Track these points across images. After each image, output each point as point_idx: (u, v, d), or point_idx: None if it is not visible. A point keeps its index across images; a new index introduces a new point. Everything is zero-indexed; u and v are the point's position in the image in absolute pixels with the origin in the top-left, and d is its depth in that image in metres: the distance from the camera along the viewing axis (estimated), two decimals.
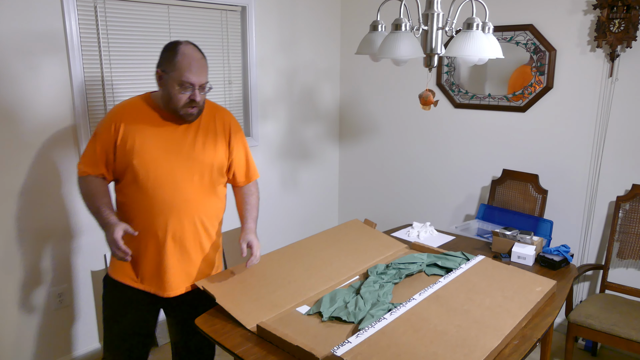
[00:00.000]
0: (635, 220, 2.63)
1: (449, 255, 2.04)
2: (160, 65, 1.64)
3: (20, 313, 2.41)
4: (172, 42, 1.66)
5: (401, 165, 3.61)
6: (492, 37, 1.77)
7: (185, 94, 1.62)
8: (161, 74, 1.64)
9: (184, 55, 1.62)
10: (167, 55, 1.62)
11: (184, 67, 1.60)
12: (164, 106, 1.67)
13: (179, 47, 1.63)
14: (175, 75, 1.60)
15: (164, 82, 1.63)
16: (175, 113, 1.66)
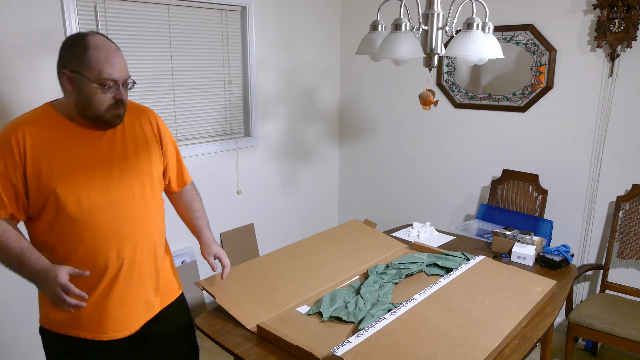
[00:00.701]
0: (635, 220, 2.63)
1: (449, 255, 2.04)
2: (67, 65, 1.33)
3: (20, 313, 2.41)
4: (73, 35, 1.36)
5: (401, 165, 3.61)
6: (492, 37, 1.77)
7: (108, 94, 1.35)
8: (71, 76, 1.33)
9: (98, 48, 1.32)
10: (75, 52, 1.32)
11: (101, 62, 1.32)
12: (80, 113, 1.36)
13: (89, 40, 1.32)
14: (92, 74, 1.31)
15: (75, 84, 1.33)
16: (97, 119, 1.37)
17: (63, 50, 1.35)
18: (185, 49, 2.85)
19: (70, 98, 1.36)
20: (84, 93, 1.33)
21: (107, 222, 1.39)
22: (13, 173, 1.31)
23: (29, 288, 2.42)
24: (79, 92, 1.34)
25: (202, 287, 1.74)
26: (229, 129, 3.20)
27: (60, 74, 1.35)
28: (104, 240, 1.39)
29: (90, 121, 1.38)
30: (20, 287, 2.41)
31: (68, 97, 1.37)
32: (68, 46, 1.35)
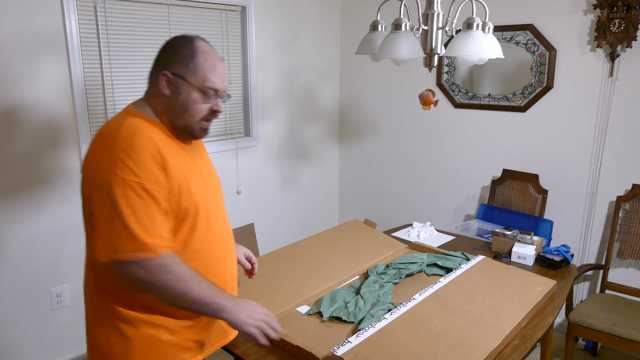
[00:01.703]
0: (635, 220, 2.63)
1: (449, 255, 2.04)
2: (169, 67, 1.24)
3: (20, 313, 2.41)
4: (180, 37, 1.28)
5: (401, 165, 3.61)
6: (492, 37, 1.77)
7: (206, 104, 1.27)
8: (171, 78, 1.24)
9: (206, 53, 1.26)
10: (180, 54, 1.25)
11: (207, 68, 1.25)
12: (170, 120, 1.28)
13: (197, 44, 1.26)
14: (195, 80, 1.24)
15: (174, 89, 1.25)
16: (185, 129, 1.29)
17: (166, 51, 1.26)
18: None
19: (162, 102, 1.27)
20: (182, 99, 1.25)
21: (222, 237, 1.35)
22: (165, 192, 1.19)
23: (28, 289, 2.43)
24: (176, 97, 1.25)
25: None
26: (228, 128, 3.20)
27: (159, 74, 1.25)
28: (223, 256, 1.35)
29: (177, 130, 1.29)
30: (20, 287, 2.41)
31: (159, 102, 1.27)
32: (173, 47, 1.26)
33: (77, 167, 2.50)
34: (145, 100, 1.30)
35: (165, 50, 1.27)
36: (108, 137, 1.18)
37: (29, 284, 2.43)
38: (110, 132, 1.19)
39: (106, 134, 1.20)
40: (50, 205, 2.44)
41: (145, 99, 1.31)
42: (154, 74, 1.28)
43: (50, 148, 2.40)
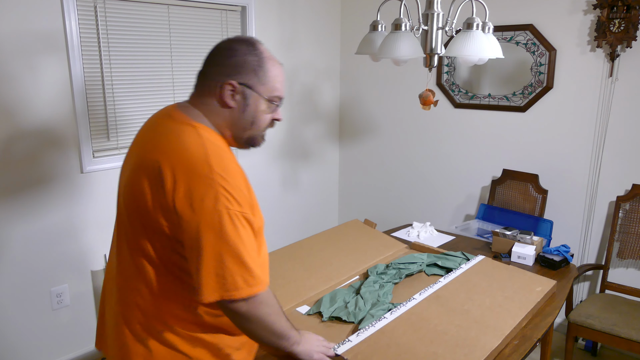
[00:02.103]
0: (635, 220, 2.63)
1: (449, 255, 2.04)
2: (235, 76, 1.12)
3: (20, 313, 2.41)
4: (239, 40, 1.15)
5: (401, 165, 3.61)
6: (492, 37, 1.77)
7: (270, 114, 1.19)
8: (239, 90, 1.13)
9: (272, 60, 1.16)
10: (248, 61, 1.12)
11: (276, 76, 1.16)
12: (235, 134, 1.18)
13: (262, 49, 1.15)
14: (265, 90, 1.15)
15: (241, 100, 1.14)
16: (249, 141, 1.20)
17: (228, 56, 1.13)
18: (185, 49, 2.85)
19: (224, 115, 1.15)
20: (251, 111, 1.15)
21: None
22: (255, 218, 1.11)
23: (28, 289, 2.43)
24: (244, 109, 1.14)
25: None
26: None
27: (223, 84, 1.12)
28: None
29: (238, 143, 1.20)
30: (20, 287, 2.41)
31: (221, 114, 1.15)
32: (235, 52, 1.13)
33: (77, 167, 2.50)
34: (198, 109, 1.16)
35: (226, 55, 1.13)
36: (199, 163, 1.03)
37: (29, 284, 2.43)
38: (198, 156, 1.04)
39: (192, 157, 1.04)
40: (50, 205, 2.44)
41: (197, 107, 1.16)
42: (212, 82, 1.14)
43: (50, 148, 2.40)
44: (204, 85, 1.16)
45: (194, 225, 1.02)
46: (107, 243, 2.66)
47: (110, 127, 2.61)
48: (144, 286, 1.11)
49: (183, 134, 1.09)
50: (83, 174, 2.53)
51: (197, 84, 1.19)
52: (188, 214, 1.02)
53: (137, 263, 1.11)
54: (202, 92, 1.16)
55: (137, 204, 1.09)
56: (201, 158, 1.04)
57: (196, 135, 1.08)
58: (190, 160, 1.04)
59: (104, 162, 2.60)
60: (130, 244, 1.13)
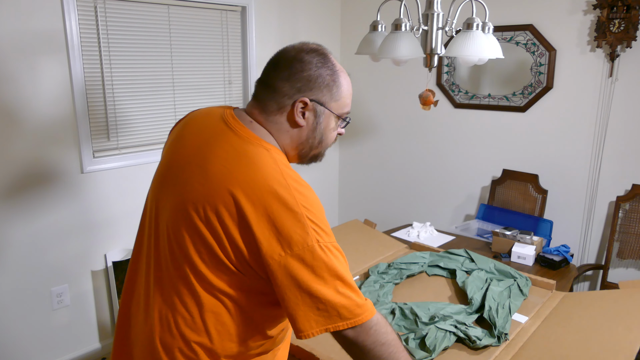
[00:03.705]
0: (635, 220, 2.63)
1: (451, 254, 2.02)
2: (309, 93, 1.02)
3: (20, 313, 2.41)
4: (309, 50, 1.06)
5: (401, 165, 3.61)
6: (492, 37, 1.77)
7: (338, 129, 1.11)
8: (313, 107, 1.03)
9: (344, 73, 1.09)
10: (321, 75, 1.03)
11: (348, 92, 1.09)
12: (303, 153, 1.08)
13: (333, 61, 1.07)
14: (337, 107, 1.06)
15: (313, 117, 1.04)
16: (315, 158, 1.11)
17: (300, 69, 1.02)
18: (185, 49, 2.85)
19: (290, 134, 1.04)
20: (322, 129, 1.05)
21: None
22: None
23: (28, 289, 2.43)
24: (315, 127, 1.04)
25: None
26: None
27: (295, 102, 1.01)
28: None
29: (303, 161, 1.11)
30: (21, 287, 2.41)
31: (289, 132, 1.04)
32: (308, 65, 1.02)
33: (77, 167, 2.50)
34: (264, 126, 1.04)
35: (298, 67, 1.02)
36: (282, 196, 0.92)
37: (29, 284, 2.43)
38: (279, 188, 0.93)
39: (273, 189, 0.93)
40: (50, 205, 2.44)
41: (263, 124, 1.04)
42: (281, 98, 1.02)
43: (50, 148, 2.40)
44: (270, 99, 1.04)
45: (284, 264, 0.92)
46: (107, 243, 2.66)
47: (110, 127, 2.61)
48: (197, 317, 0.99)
49: (257, 158, 0.96)
50: (83, 174, 2.53)
51: (258, 95, 1.07)
52: (277, 252, 0.92)
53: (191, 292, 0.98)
54: (268, 107, 1.04)
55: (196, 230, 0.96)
56: (283, 190, 0.93)
57: (272, 161, 0.96)
58: (272, 193, 0.92)
59: (104, 162, 2.60)
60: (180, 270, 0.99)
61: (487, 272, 1.86)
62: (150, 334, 1.03)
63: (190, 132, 1.08)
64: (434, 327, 1.45)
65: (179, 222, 0.99)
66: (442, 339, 1.42)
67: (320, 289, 0.93)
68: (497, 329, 1.46)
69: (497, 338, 1.44)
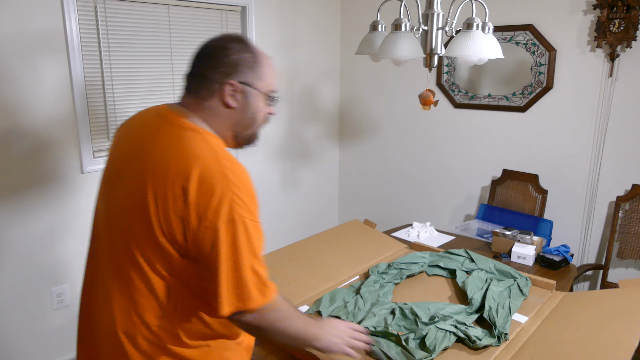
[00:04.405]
0: (635, 220, 2.63)
1: (451, 254, 2.03)
2: (234, 75, 1.10)
3: (20, 313, 2.41)
4: (229, 39, 1.14)
5: (401, 165, 3.61)
6: (492, 37, 1.77)
7: (268, 108, 1.19)
8: (240, 88, 1.11)
9: (265, 55, 1.17)
10: (244, 59, 1.12)
11: (271, 72, 1.17)
12: (236, 135, 1.16)
13: (253, 46, 1.16)
14: (263, 86, 1.14)
15: (242, 99, 1.12)
16: (249, 139, 1.20)
17: (222, 56, 1.11)
18: (185, 49, 2.85)
19: (225, 116, 1.12)
20: (252, 109, 1.14)
21: None
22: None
23: (28, 289, 2.43)
24: (245, 108, 1.13)
25: None
26: None
27: (223, 84, 1.10)
28: None
29: (239, 142, 1.18)
30: (20, 287, 2.41)
31: (222, 115, 1.12)
32: (229, 51, 1.11)
33: (77, 167, 2.50)
34: (196, 113, 1.11)
35: (220, 54, 1.11)
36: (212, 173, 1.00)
37: (29, 284, 2.43)
38: (210, 165, 1.01)
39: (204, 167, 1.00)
40: (50, 205, 2.44)
41: (196, 111, 1.12)
42: (210, 84, 1.11)
43: (50, 148, 2.40)
44: (199, 87, 1.12)
45: (210, 236, 0.99)
46: None
47: (110, 127, 2.61)
48: (153, 301, 1.06)
49: (190, 141, 1.04)
50: (83, 174, 2.53)
51: (189, 86, 1.15)
52: (203, 225, 0.99)
53: (144, 278, 1.05)
54: (199, 95, 1.12)
55: (145, 215, 1.02)
56: (214, 167, 1.01)
57: (203, 142, 1.05)
58: (204, 171, 1.00)
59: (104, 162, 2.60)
60: (134, 260, 1.05)
61: (487, 272, 1.86)
62: (112, 325, 1.09)
63: (130, 131, 1.17)
64: (434, 327, 1.45)
65: (127, 213, 1.06)
66: (442, 339, 1.42)
67: (238, 265, 1.00)
68: (497, 329, 1.46)
69: (497, 338, 1.44)
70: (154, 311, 1.06)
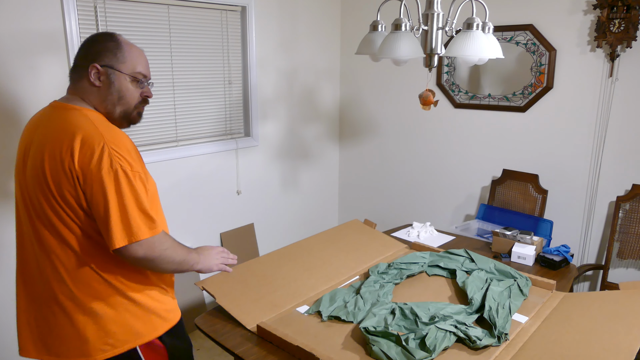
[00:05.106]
0: (635, 220, 2.63)
1: (452, 254, 2.03)
2: (96, 60, 1.34)
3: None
4: (100, 33, 1.40)
5: (401, 165, 3.61)
6: (492, 37, 1.77)
7: (138, 90, 1.41)
8: (101, 70, 1.34)
9: (130, 44, 1.41)
10: (106, 47, 1.36)
11: (135, 57, 1.39)
12: (108, 110, 1.38)
13: (119, 37, 1.40)
14: (126, 68, 1.37)
15: (106, 79, 1.35)
16: (124, 116, 1.41)
17: (90, 47, 1.36)
18: (185, 49, 2.85)
19: (95, 94, 1.36)
20: (116, 87, 1.36)
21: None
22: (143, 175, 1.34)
23: None
24: (109, 86, 1.35)
25: (202, 287, 1.74)
26: (229, 129, 3.20)
27: (88, 68, 1.34)
28: None
29: (114, 118, 1.39)
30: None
31: (93, 94, 1.36)
32: (96, 42, 1.36)
33: None
34: (75, 94, 1.37)
35: (88, 46, 1.36)
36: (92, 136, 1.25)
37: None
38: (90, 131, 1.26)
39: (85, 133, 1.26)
40: None
41: (74, 93, 1.37)
42: (80, 70, 1.36)
43: None
44: (75, 73, 1.38)
45: (97, 185, 1.23)
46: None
47: None
48: (71, 255, 1.31)
49: (73, 118, 1.30)
50: None
51: (70, 76, 1.40)
52: (89, 176, 1.23)
53: (60, 237, 1.30)
54: (75, 80, 1.38)
55: (45, 183, 1.28)
56: (92, 132, 1.26)
57: (82, 115, 1.31)
58: (85, 136, 1.25)
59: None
60: (49, 225, 1.31)
61: (487, 272, 1.86)
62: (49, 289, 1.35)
63: (29, 125, 1.44)
64: (434, 327, 1.45)
65: (36, 190, 1.31)
66: (442, 339, 1.42)
67: (124, 205, 1.24)
68: (497, 329, 1.46)
69: (497, 338, 1.44)
70: (73, 265, 1.31)
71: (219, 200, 3.18)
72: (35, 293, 1.41)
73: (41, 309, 1.39)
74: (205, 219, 3.12)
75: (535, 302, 1.70)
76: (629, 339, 1.40)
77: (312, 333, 1.53)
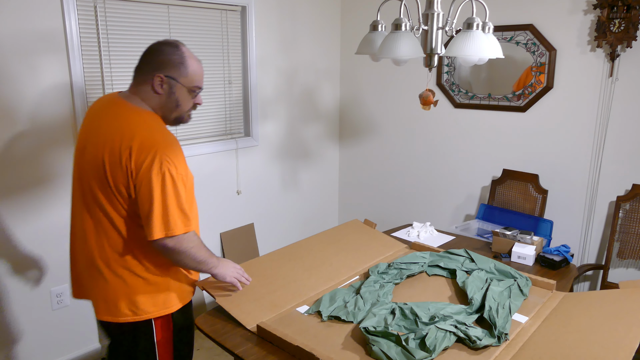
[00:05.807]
0: (635, 220, 2.63)
1: (452, 254, 2.03)
2: (161, 70, 1.51)
3: (20, 313, 2.41)
4: (165, 43, 1.53)
5: (401, 165, 3.61)
6: (492, 37, 1.77)
7: (192, 98, 1.60)
8: (165, 80, 1.51)
9: (192, 59, 1.55)
10: (172, 60, 1.51)
11: (195, 72, 1.55)
12: (164, 114, 1.58)
13: (184, 50, 1.54)
14: (186, 81, 1.54)
15: (168, 88, 1.52)
16: (177, 119, 1.61)
17: (156, 56, 1.52)
18: None
19: (157, 100, 1.54)
20: (175, 97, 1.54)
21: None
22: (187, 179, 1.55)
23: (28, 289, 2.42)
24: (169, 95, 1.54)
25: (202, 287, 1.74)
26: (229, 129, 3.20)
27: (153, 77, 1.51)
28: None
29: (170, 121, 1.60)
30: (20, 287, 2.41)
31: (154, 99, 1.54)
32: (162, 53, 1.51)
33: None
34: (138, 95, 1.55)
35: (155, 54, 1.52)
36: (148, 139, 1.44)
37: (29, 284, 2.43)
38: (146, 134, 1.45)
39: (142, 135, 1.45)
40: (50, 205, 2.44)
41: (137, 94, 1.55)
42: (146, 76, 1.53)
43: (50, 148, 2.40)
44: (140, 77, 1.54)
45: (147, 182, 1.42)
46: None
47: None
48: (115, 234, 1.53)
49: (133, 119, 1.49)
50: None
51: (134, 76, 1.56)
52: (141, 174, 1.42)
53: (108, 218, 1.51)
54: (139, 82, 1.54)
55: (103, 173, 1.46)
56: (149, 137, 1.45)
57: (141, 119, 1.50)
58: (142, 140, 1.44)
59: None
60: (99, 206, 1.51)
61: (487, 272, 1.86)
62: (91, 255, 1.55)
63: (91, 114, 1.60)
64: (434, 327, 1.45)
65: (92, 176, 1.50)
66: (442, 339, 1.42)
67: (166, 204, 1.43)
68: (497, 329, 1.46)
69: (497, 338, 1.44)
70: (117, 241, 1.52)
71: (219, 200, 3.18)
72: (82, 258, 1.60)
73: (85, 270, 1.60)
74: (206, 219, 3.12)
75: (535, 302, 1.70)
76: (629, 337, 1.40)
77: (312, 333, 1.53)
